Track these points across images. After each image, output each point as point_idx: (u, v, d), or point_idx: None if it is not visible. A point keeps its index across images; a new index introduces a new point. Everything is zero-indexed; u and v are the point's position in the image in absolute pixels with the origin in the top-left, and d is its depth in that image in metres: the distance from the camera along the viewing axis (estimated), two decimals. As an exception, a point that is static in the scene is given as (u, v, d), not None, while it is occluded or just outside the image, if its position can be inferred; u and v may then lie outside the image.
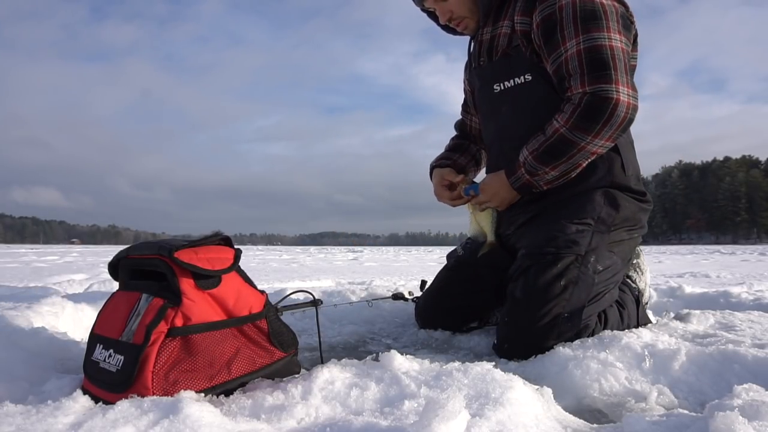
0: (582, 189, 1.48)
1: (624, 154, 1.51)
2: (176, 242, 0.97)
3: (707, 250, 20.08)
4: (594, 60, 1.33)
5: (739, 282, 4.16)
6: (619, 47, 1.34)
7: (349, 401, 0.90)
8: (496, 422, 0.81)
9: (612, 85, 1.31)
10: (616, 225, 1.47)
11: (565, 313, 1.35)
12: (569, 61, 1.36)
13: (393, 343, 1.66)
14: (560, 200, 1.50)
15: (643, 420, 0.83)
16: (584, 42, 1.34)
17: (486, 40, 1.58)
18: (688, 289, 2.55)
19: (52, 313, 1.55)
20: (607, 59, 1.32)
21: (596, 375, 1.14)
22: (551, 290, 1.36)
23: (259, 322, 1.03)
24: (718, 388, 1.10)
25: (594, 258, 1.41)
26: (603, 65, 1.32)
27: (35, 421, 0.76)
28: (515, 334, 1.39)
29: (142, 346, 0.88)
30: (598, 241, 1.43)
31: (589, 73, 1.33)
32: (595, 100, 1.31)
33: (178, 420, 0.76)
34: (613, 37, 1.34)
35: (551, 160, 1.38)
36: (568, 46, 1.36)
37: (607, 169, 1.49)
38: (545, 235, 1.44)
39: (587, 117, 1.32)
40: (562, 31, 1.37)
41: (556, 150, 1.37)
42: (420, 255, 15.81)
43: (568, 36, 1.36)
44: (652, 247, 44.25)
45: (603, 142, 1.36)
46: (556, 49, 1.39)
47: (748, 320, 1.76)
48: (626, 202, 1.50)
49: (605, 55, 1.32)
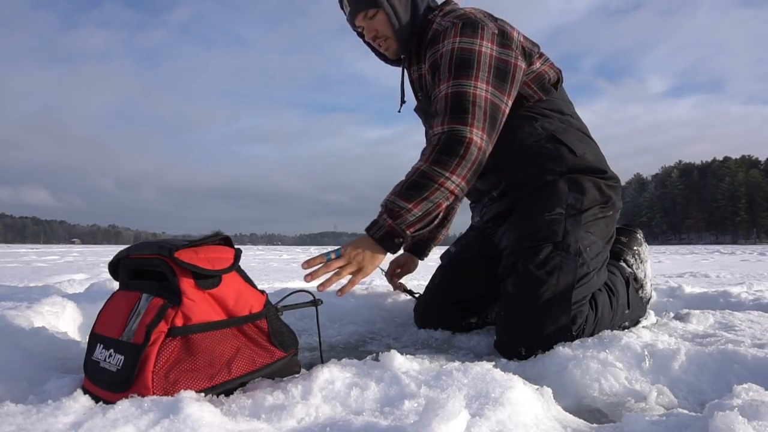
0: (543, 181, 1.56)
1: (569, 142, 1.58)
2: (176, 242, 0.97)
3: (707, 250, 20.08)
4: (455, 103, 1.42)
5: (738, 282, 4.16)
6: (482, 95, 1.43)
7: (349, 401, 0.90)
8: (496, 422, 0.81)
9: (467, 127, 1.39)
10: (586, 207, 1.53)
11: (555, 297, 1.41)
12: (438, 101, 1.46)
13: (393, 343, 1.66)
14: (528, 195, 1.58)
15: (643, 420, 0.83)
16: (452, 87, 1.43)
17: (415, 78, 1.71)
18: (688, 289, 2.55)
19: (53, 312, 1.55)
20: (467, 105, 1.41)
21: (596, 375, 1.15)
22: (538, 279, 1.43)
23: (260, 321, 1.03)
24: (717, 387, 1.10)
25: (573, 240, 1.47)
26: (462, 109, 1.41)
27: (35, 421, 0.76)
28: (513, 326, 1.44)
29: (143, 346, 0.88)
30: (572, 225, 1.50)
31: (449, 114, 1.42)
32: (450, 138, 1.39)
33: (179, 420, 0.76)
34: (479, 86, 1.43)
35: (413, 195, 1.38)
36: (441, 88, 1.46)
37: (557, 158, 1.56)
38: (522, 231, 1.53)
39: (444, 152, 1.39)
40: (439, 75, 1.48)
41: (417, 185, 1.38)
42: (420, 255, 15.78)
43: (443, 79, 1.46)
44: (652, 247, 44.25)
45: (459, 180, 1.40)
46: (434, 90, 1.50)
47: (747, 320, 1.76)
48: (589, 183, 1.56)
49: (466, 100, 1.41)
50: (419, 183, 1.38)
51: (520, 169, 1.59)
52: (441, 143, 1.39)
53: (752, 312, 1.91)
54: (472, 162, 1.39)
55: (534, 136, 1.57)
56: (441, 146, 1.39)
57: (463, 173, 1.40)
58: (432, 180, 1.37)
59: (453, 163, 1.38)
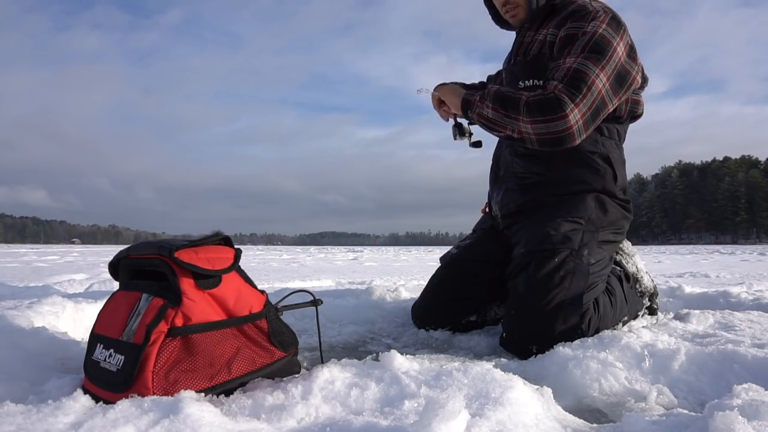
0: (576, 190, 1.64)
1: (616, 168, 1.69)
2: (176, 242, 0.97)
3: (707, 250, 20.08)
4: (574, 78, 1.48)
5: (738, 282, 4.16)
6: (599, 86, 1.49)
7: (349, 401, 0.90)
8: (496, 422, 0.81)
9: (572, 104, 1.45)
10: (604, 227, 1.62)
11: (567, 299, 1.45)
12: (560, 69, 1.52)
13: (393, 343, 1.66)
14: (555, 199, 1.65)
15: (643, 420, 0.83)
16: (578, 63, 1.50)
17: (526, 42, 1.75)
18: (688, 289, 2.55)
19: (53, 312, 1.55)
20: (582, 85, 1.47)
21: (596, 375, 1.15)
22: (552, 281, 1.47)
23: (260, 321, 1.03)
24: (717, 387, 1.10)
25: (587, 252, 1.55)
26: (576, 87, 1.47)
27: (36, 421, 0.76)
28: (523, 324, 1.46)
29: (143, 346, 0.88)
30: (588, 239, 1.57)
31: (564, 83, 1.48)
32: (553, 102, 1.46)
33: (179, 420, 0.76)
34: (600, 76, 1.49)
35: (499, 104, 1.54)
36: (568, 60, 1.52)
37: (601, 177, 1.65)
38: (542, 233, 1.57)
39: (539, 106, 1.48)
40: (570, 48, 1.54)
41: (507, 102, 1.52)
42: (420, 255, 15.82)
43: (573, 53, 1.52)
44: (652, 247, 44.22)
45: (531, 131, 1.50)
46: (559, 59, 1.56)
47: (747, 320, 1.76)
48: (613, 208, 1.66)
49: (584, 82, 1.47)
50: (509, 103, 1.52)
51: (564, 168, 1.64)
52: (544, 99, 1.48)
53: (752, 312, 1.90)
54: (553, 130, 1.47)
55: (593, 146, 1.64)
56: (541, 100, 1.48)
57: (539, 130, 1.49)
58: (516, 111, 1.50)
59: (538, 117, 1.47)
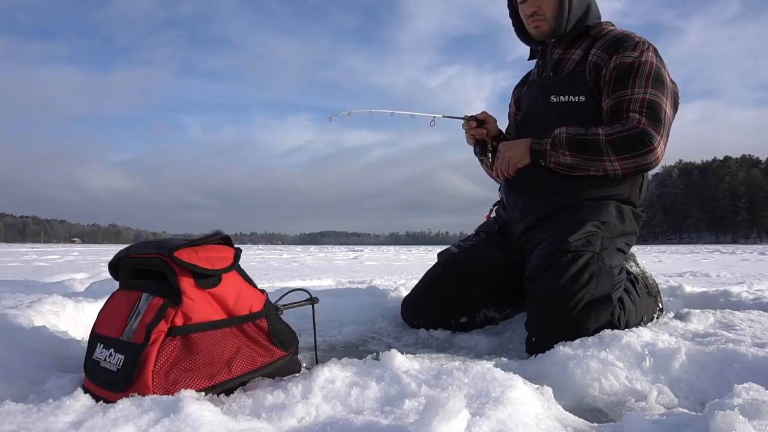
0: (599, 195, 1.65)
1: (644, 182, 1.75)
2: (176, 241, 0.97)
3: (707, 250, 20.07)
4: (654, 110, 1.56)
5: (739, 281, 4.16)
6: (669, 115, 1.61)
7: (349, 400, 0.90)
8: (497, 421, 0.81)
9: (658, 137, 1.55)
10: (619, 236, 1.64)
11: (596, 298, 1.44)
12: (633, 101, 1.58)
13: (393, 343, 1.66)
14: (576, 204, 1.65)
15: (644, 419, 0.83)
16: (651, 94, 1.58)
17: (554, 59, 1.79)
18: (688, 289, 2.55)
19: (53, 312, 1.55)
20: (661, 116, 1.57)
21: (596, 374, 1.14)
22: (578, 282, 1.44)
23: (260, 321, 1.03)
24: (718, 387, 1.10)
25: (607, 256, 1.55)
26: (657, 118, 1.56)
27: (36, 420, 0.76)
28: (554, 326, 1.42)
29: (143, 346, 0.88)
30: (607, 244, 1.58)
31: (648, 117, 1.55)
32: (641, 135, 1.54)
33: (179, 419, 0.76)
34: (668, 105, 1.60)
35: (576, 149, 1.59)
36: (636, 91, 1.58)
37: (629, 187, 1.68)
38: (564, 236, 1.54)
39: (626, 142, 1.54)
40: (635, 78, 1.60)
41: (586, 145, 1.58)
42: (420, 254, 15.81)
43: (639, 83, 1.59)
44: (652, 246, 44.22)
45: (619, 169, 1.58)
46: (623, 89, 1.60)
47: (748, 319, 1.76)
48: (629, 220, 1.69)
49: (661, 112, 1.57)
50: (588, 146, 1.57)
51: (592, 179, 1.64)
52: (631, 133, 1.54)
53: (752, 311, 1.90)
54: (643, 164, 1.56)
55: None
56: (629, 135, 1.54)
57: (627, 166, 1.57)
58: (599, 153, 1.56)
59: (625, 155, 1.55)
